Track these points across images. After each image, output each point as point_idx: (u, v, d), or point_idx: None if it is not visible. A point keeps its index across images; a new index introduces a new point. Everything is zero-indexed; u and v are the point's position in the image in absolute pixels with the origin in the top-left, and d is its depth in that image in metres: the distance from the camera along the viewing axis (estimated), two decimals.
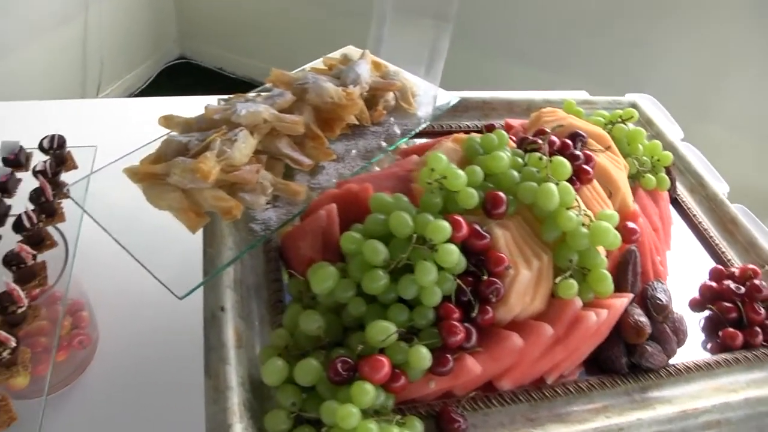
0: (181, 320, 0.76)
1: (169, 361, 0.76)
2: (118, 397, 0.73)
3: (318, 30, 2.63)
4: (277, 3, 2.68)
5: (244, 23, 2.80)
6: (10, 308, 0.60)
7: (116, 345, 0.77)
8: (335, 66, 0.81)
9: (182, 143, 0.66)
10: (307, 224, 0.64)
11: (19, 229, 0.67)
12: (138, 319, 0.79)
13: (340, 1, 2.55)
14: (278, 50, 2.78)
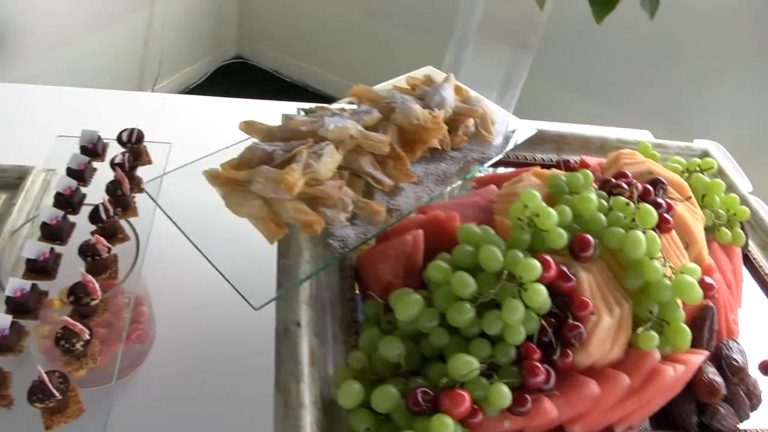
0: (242, 328, 0.76)
1: (224, 368, 0.75)
2: (170, 397, 0.73)
3: (377, 43, 2.66)
4: (339, 13, 2.71)
5: (303, 29, 2.82)
6: (84, 299, 0.60)
7: (172, 344, 0.76)
8: (418, 86, 0.81)
9: (267, 152, 0.66)
10: (390, 247, 0.63)
11: (95, 219, 0.67)
12: (196, 321, 0.78)
13: (400, 16, 2.56)
14: (335, 59, 2.80)
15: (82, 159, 0.72)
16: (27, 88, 1.13)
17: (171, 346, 0.76)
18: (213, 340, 0.77)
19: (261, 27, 2.92)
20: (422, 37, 2.50)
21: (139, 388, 0.72)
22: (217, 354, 0.76)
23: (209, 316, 0.78)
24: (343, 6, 2.69)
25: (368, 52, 2.72)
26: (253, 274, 0.61)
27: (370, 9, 2.63)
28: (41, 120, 1.05)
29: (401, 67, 2.54)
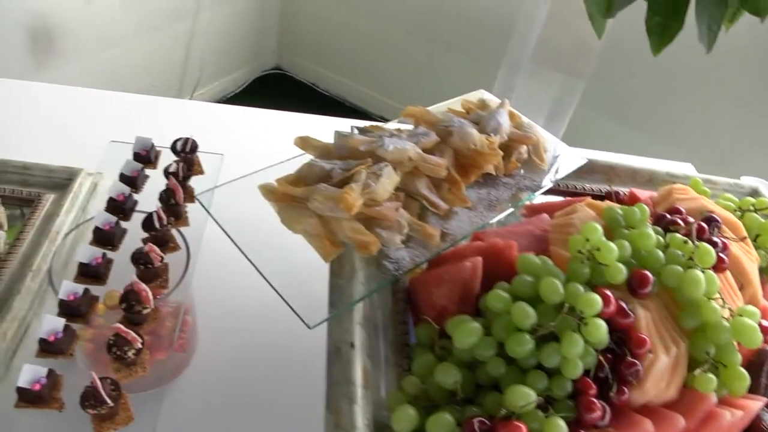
0: (286, 344, 0.76)
1: (265, 382, 0.74)
2: (210, 408, 0.72)
3: (416, 62, 2.67)
4: (381, 30, 2.72)
5: (343, 43, 2.84)
6: (136, 308, 0.59)
7: (214, 356, 0.76)
8: (473, 110, 0.80)
9: (325, 170, 0.66)
10: (447, 272, 0.63)
11: (148, 227, 0.66)
12: (239, 334, 0.78)
13: (443, 37, 2.57)
14: (374, 75, 2.82)
15: (136, 166, 0.72)
16: (77, 91, 1.13)
17: (212, 358, 0.76)
18: (255, 354, 0.76)
19: (301, 39, 2.94)
20: (463, 59, 2.52)
21: (178, 398, 0.72)
22: (258, 368, 0.75)
23: (252, 329, 0.78)
24: (386, 24, 2.70)
25: (408, 70, 2.73)
26: (305, 292, 0.61)
27: (412, 28, 2.64)
28: (90, 123, 1.06)
29: (441, 88, 2.55)
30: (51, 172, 0.88)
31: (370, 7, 2.72)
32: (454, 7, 2.46)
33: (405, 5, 2.61)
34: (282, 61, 3.05)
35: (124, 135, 0.98)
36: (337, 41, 2.86)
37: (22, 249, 0.81)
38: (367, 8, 2.73)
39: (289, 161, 0.71)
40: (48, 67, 1.97)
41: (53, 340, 0.58)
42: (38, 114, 1.07)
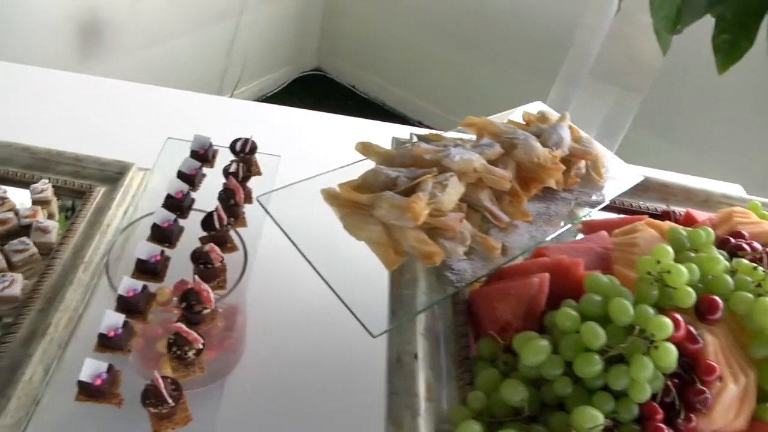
0: (336, 350, 0.75)
1: (316, 389, 0.73)
2: (255, 410, 0.71)
3: (459, 70, 2.65)
4: (422, 35, 2.69)
5: (385, 47, 2.84)
6: (196, 308, 0.59)
7: (263, 359, 0.75)
8: (533, 122, 0.80)
9: (390, 177, 0.65)
10: (512, 287, 0.62)
11: (208, 227, 0.66)
12: (289, 338, 0.77)
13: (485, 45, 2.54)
14: (414, 80, 2.81)
15: (194, 164, 0.72)
16: (130, 86, 1.13)
17: (262, 361, 0.75)
18: (307, 359, 0.75)
19: (342, 41, 2.95)
20: (505, 69, 2.50)
21: (229, 399, 0.71)
22: (310, 374, 0.74)
23: (305, 334, 0.77)
24: (428, 30, 2.68)
25: (449, 77, 2.71)
26: (366, 300, 0.60)
27: (454, 35, 2.62)
28: (140, 118, 1.06)
29: (482, 96, 2.52)
30: (103, 165, 0.88)
31: (413, 12, 2.70)
32: (496, 16, 2.44)
33: (448, 12, 2.59)
34: (322, 62, 3.05)
35: (175, 132, 0.98)
36: (379, 45, 2.86)
37: (73, 240, 0.80)
38: (410, 13, 2.71)
39: (349, 166, 0.71)
40: (93, 60, 1.99)
41: (113, 336, 0.58)
42: (90, 107, 1.07)
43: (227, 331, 0.73)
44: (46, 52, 1.76)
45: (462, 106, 2.58)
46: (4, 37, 0.97)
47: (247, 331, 0.76)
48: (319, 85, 2.92)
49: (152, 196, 0.88)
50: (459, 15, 2.56)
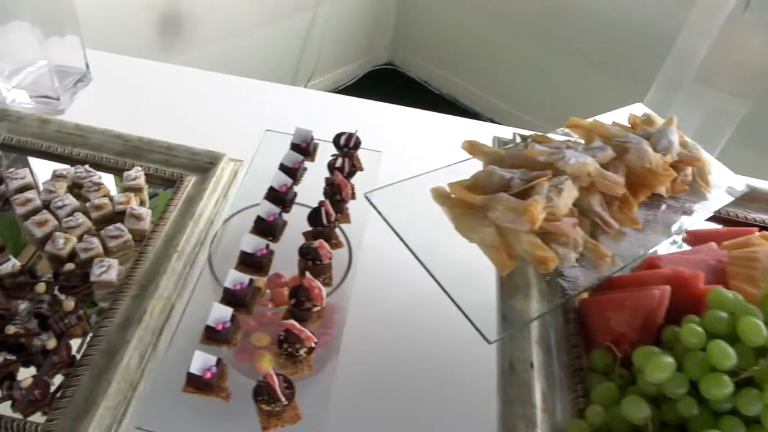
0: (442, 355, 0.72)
1: (416, 392, 0.71)
2: (358, 410, 0.70)
3: (532, 67, 2.59)
4: (497, 32, 2.64)
5: (459, 43, 2.79)
6: (306, 304, 0.58)
7: (363, 358, 0.73)
8: (638, 126, 0.77)
9: (504, 179, 0.63)
10: (629, 298, 0.60)
11: (315, 222, 0.65)
12: (390, 339, 0.75)
13: (563, 43, 2.47)
14: (489, 77, 2.75)
15: (297, 157, 0.71)
16: (219, 77, 1.13)
17: (362, 360, 0.73)
18: (407, 361, 0.73)
19: (416, 36, 2.91)
20: (581, 68, 2.43)
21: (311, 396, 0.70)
22: (410, 376, 0.72)
23: (406, 336, 0.75)
24: (504, 26, 2.63)
25: (523, 75, 2.65)
26: (477, 304, 0.59)
27: (530, 33, 2.55)
28: (230, 109, 1.05)
29: (560, 97, 2.44)
30: (194, 155, 0.88)
31: (491, 7, 2.64)
32: (581, 14, 2.37)
33: (528, 9, 2.53)
34: (395, 56, 3.04)
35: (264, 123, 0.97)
36: (453, 40, 2.81)
37: (165, 228, 0.80)
38: (488, 8, 2.65)
39: (455, 165, 0.69)
40: (172, 51, 2.02)
41: (221, 329, 0.57)
42: (180, 97, 1.07)
43: (323, 329, 0.71)
44: (128, 42, 1.79)
45: (538, 106, 2.52)
46: (92, 27, 0.98)
47: (347, 331, 0.75)
48: (391, 80, 2.90)
49: (242, 187, 0.87)
50: (540, 12, 2.49)
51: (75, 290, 0.76)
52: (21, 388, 0.65)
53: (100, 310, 0.74)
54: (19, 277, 0.76)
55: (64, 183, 0.86)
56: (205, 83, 1.12)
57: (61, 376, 0.67)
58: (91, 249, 0.78)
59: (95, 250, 0.78)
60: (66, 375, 0.68)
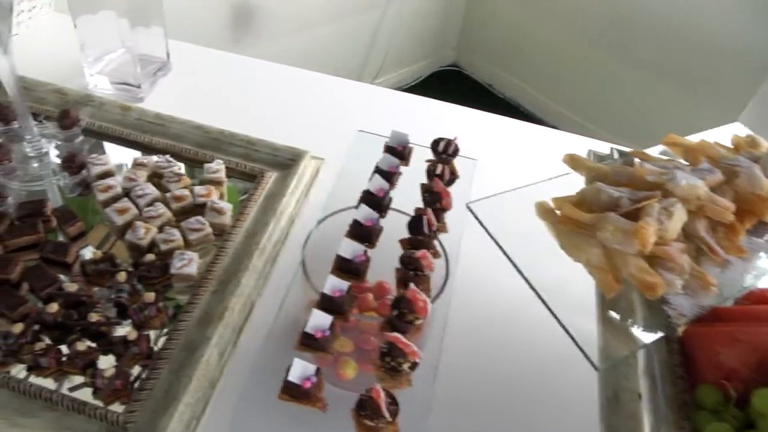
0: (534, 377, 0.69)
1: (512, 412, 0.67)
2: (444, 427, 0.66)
3: (602, 77, 2.49)
4: (567, 38, 2.56)
5: (525, 47, 2.73)
6: (408, 316, 0.56)
7: (458, 374, 0.69)
8: (742, 148, 0.74)
9: (613, 197, 0.61)
10: (743, 333, 0.57)
11: (415, 230, 0.63)
12: (485, 356, 0.71)
13: (636, 53, 2.35)
14: (555, 84, 2.68)
15: (393, 161, 0.69)
16: (303, 73, 1.11)
17: (458, 376, 0.69)
18: (503, 379, 0.69)
19: (483, 38, 2.86)
20: (653, 81, 2.32)
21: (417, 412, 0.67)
22: (498, 394, 0.68)
23: (502, 355, 0.71)
24: (574, 33, 2.54)
25: (592, 85, 2.55)
26: (581, 327, 0.57)
27: (602, 41, 2.45)
28: (312, 106, 1.03)
29: (634, 110, 2.32)
30: (275, 151, 0.87)
31: (563, 12, 2.56)
32: (654, 23, 2.26)
33: (602, 17, 2.42)
34: (460, 58, 2.99)
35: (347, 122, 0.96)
36: (520, 44, 2.74)
37: (245, 224, 0.80)
38: (559, 14, 2.57)
39: (557, 179, 0.67)
40: (242, 44, 2.03)
41: (320, 337, 0.56)
42: (256, 89, 1.06)
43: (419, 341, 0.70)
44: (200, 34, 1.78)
45: (608, 118, 2.41)
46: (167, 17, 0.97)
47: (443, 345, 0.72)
48: (455, 81, 2.87)
49: (324, 187, 0.86)
50: (618, 20, 2.38)
51: (154, 281, 0.75)
52: (104, 377, 0.64)
53: (176, 303, 0.74)
54: (100, 264, 0.75)
55: (145, 172, 0.85)
56: (283, 77, 1.10)
57: (137, 367, 0.67)
58: (172, 241, 0.77)
59: (176, 242, 0.77)
60: (143, 367, 0.68)
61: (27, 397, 0.63)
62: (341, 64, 2.40)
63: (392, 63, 2.62)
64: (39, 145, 0.89)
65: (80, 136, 0.92)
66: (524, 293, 0.61)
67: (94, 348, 0.68)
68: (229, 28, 1.94)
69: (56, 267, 0.77)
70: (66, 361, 0.67)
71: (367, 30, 2.40)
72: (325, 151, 0.89)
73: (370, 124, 0.90)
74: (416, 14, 2.57)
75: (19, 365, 0.66)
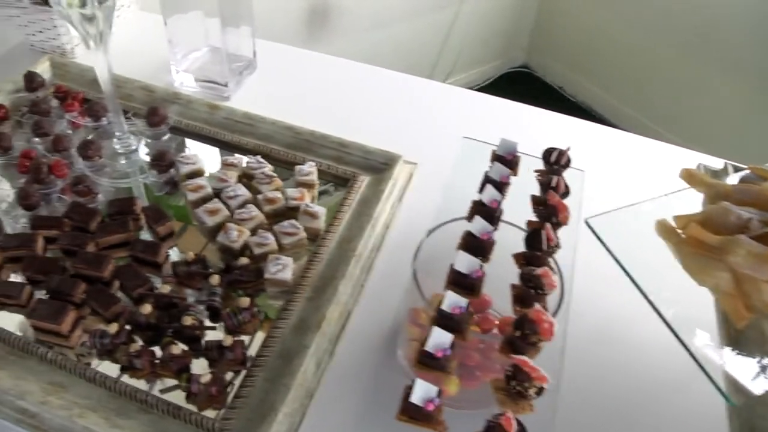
0: (657, 403, 0.66)
1: None
2: None
3: (684, 84, 2.37)
4: (644, 41, 2.43)
5: (600, 49, 2.64)
6: (532, 338, 0.54)
7: (572, 399, 0.66)
8: None
9: (742, 219, 0.58)
10: None
11: (533, 246, 0.61)
12: (602, 381, 0.67)
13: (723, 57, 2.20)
14: (630, 88, 2.57)
15: (504, 171, 0.67)
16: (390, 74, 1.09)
17: (571, 399, 0.66)
18: (617, 405, 0.65)
19: (555, 39, 2.80)
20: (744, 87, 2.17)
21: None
22: (620, 425, 0.65)
23: (618, 380, 0.67)
24: (653, 35, 2.41)
25: (673, 91, 2.41)
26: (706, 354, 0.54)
27: (683, 45, 2.32)
28: (402, 108, 1.01)
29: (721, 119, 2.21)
30: (368, 154, 0.85)
31: (641, 14, 2.43)
32: (751, 26, 2.10)
33: (688, 18, 2.29)
34: (530, 59, 2.94)
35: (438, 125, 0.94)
36: (596, 46, 2.65)
37: (339, 229, 0.78)
38: (636, 15, 2.45)
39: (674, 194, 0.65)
40: (317, 42, 2.03)
41: (440, 357, 0.54)
42: (344, 90, 1.04)
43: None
44: (277, 31, 1.78)
45: (693, 129, 2.30)
46: None
47: None
48: (525, 83, 2.81)
49: (418, 193, 0.84)
50: (708, 23, 2.23)
51: (246, 285, 0.74)
52: (199, 383, 0.63)
53: (272, 309, 0.72)
54: (192, 266, 0.74)
55: (235, 172, 0.84)
56: (367, 76, 1.07)
57: (229, 373, 0.66)
58: (266, 245, 0.76)
59: (270, 246, 0.76)
60: (235, 372, 0.67)
61: (123, 398, 0.63)
62: (413, 63, 2.37)
63: (463, 64, 2.59)
64: (128, 142, 0.89)
65: (167, 133, 0.91)
66: (641, 312, 0.58)
67: (188, 352, 0.67)
68: (304, 25, 1.94)
69: (145, 266, 0.76)
70: (159, 363, 0.66)
71: (440, 29, 2.38)
72: (416, 155, 0.87)
73: (461, 128, 0.88)
74: (489, 13, 2.53)
75: None
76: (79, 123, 0.92)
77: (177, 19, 0.95)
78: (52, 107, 0.93)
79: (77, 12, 0.73)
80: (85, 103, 0.95)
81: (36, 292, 0.73)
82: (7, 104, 0.93)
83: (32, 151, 0.87)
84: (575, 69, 2.72)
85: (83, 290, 0.72)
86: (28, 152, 0.87)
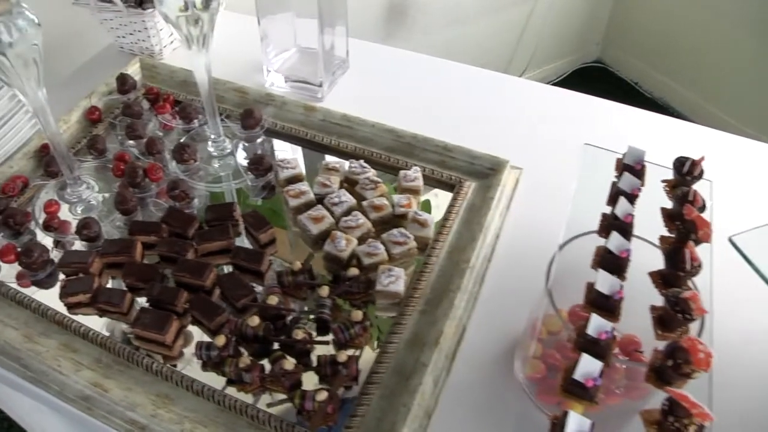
0: None
1: None
2: None
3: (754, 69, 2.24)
4: (728, 34, 2.31)
5: (678, 42, 2.52)
6: (684, 368, 0.50)
7: None
8: None
9: None
10: None
11: (674, 265, 0.57)
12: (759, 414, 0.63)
13: None
14: (711, 83, 2.44)
15: (635, 182, 0.63)
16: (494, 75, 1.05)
17: None
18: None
19: (630, 33, 2.70)
20: None
21: None
22: None
23: None
24: (738, 27, 2.26)
25: (757, 86, 2.27)
26: None
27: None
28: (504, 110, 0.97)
29: None
30: (473, 158, 0.81)
31: (721, 5, 2.28)
32: None
33: None
34: (605, 54, 2.85)
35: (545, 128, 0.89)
36: (672, 40, 2.52)
37: (448, 238, 0.75)
38: (716, 7, 2.29)
39: None
40: (395, 38, 2.00)
41: (590, 386, 0.50)
42: (437, 90, 1.00)
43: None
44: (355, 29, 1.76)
45: None
46: None
47: None
48: (599, 79, 2.71)
49: (525, 200, 0.81)
50: None
51: (356, 297, 0.72)
52: (314, 400, 0.61)
53: (383, 321, 0.70)
54: (299, 276, 0.72)
55: (338, 177, 0.81)
56: (461, 76, 1.02)
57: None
58: (376, 254, 0.73)
59: (380, 256, 0.73)
60: (346, 388, 0.65)
61: (230, 412, 0.61)
62: (489, 60, 2.33)
63: (538, 59, 2.53)
64: (223, 146, 0.87)
65: (261, 136, 0.89)
66: None
67: (300, 367, 0.65)
68: (383, 23, 1.92)
69: (247, 275, 0.74)
70: (269, 378, 0.64)
71: (515, 26, 2.33)
72: (519, 159, 0.83)
73: (565, 132, 0.84)
74: (564, 9, 2.46)
75: None
76: (170, 125, 0.90)
77: (269, 20, 0.93)
78: (143, 109, 0.92)
79: (183, 14, 0.71)
80: (176, 105, 0.93)
81: (136, 299, 0.72)
82: (100, 106, 0.91)
83: (126, 154, 0.86)
84: (652, 64, 2.61)
85: (186, 299, 0.71)
86: (122, 155, 0.86)
